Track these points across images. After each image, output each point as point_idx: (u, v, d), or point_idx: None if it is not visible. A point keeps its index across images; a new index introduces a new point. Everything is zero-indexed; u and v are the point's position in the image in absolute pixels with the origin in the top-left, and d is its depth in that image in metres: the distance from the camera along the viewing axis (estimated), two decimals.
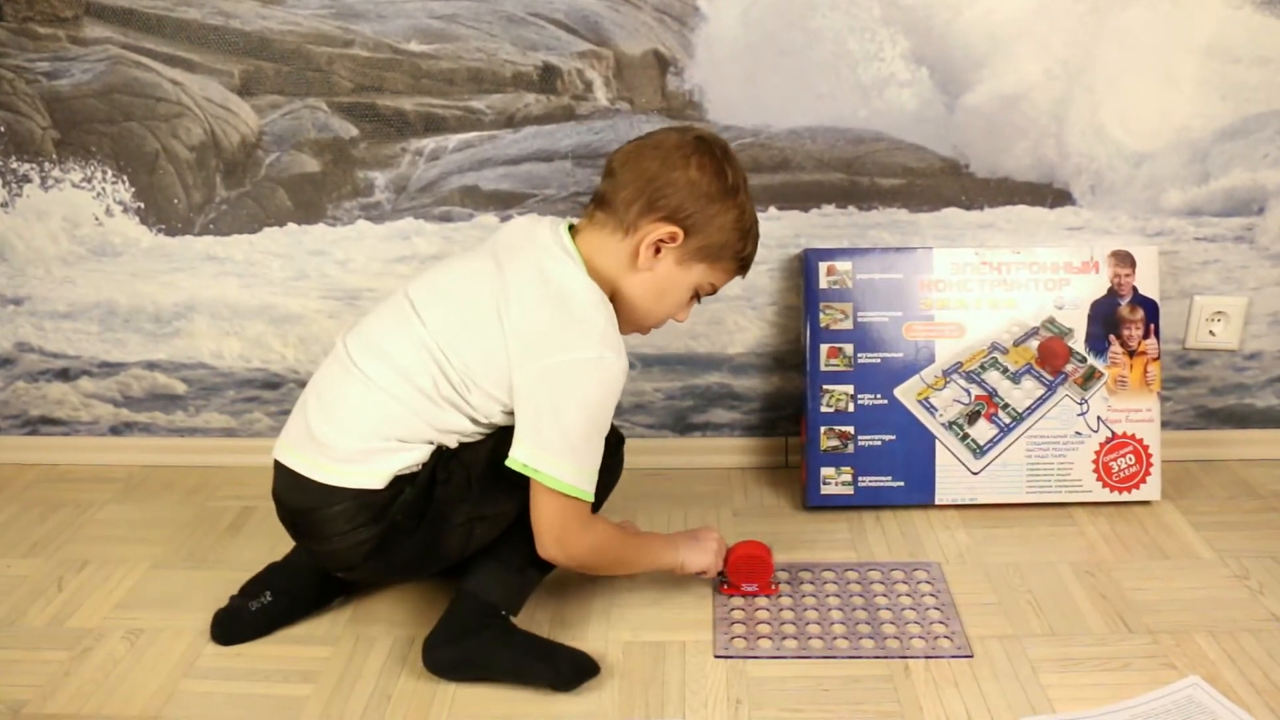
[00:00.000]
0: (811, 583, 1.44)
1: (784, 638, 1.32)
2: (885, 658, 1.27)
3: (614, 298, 1.25)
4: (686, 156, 1.22)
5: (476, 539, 1.28)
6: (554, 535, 1.23)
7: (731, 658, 1.29)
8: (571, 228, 1.28)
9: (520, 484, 1.23)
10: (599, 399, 1.21)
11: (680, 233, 1.22)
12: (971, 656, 1.25)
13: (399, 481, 1.23)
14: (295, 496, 1.26)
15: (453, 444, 1.26)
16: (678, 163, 1.22)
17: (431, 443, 1.25)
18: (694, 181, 1.21)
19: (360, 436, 1.22)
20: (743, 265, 1.30)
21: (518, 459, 1.20)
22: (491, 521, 1.28)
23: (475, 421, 1.25)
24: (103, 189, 1.66)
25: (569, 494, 1.20)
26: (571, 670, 1.24)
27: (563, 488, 1.20)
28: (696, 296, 1.31)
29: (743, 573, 1.40)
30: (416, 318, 1.24)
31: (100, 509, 1.68)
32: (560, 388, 1.19)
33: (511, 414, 1.24)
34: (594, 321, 1.20)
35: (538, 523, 1.23)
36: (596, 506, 1.31)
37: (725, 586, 1.42)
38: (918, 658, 1.26)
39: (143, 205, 1.67)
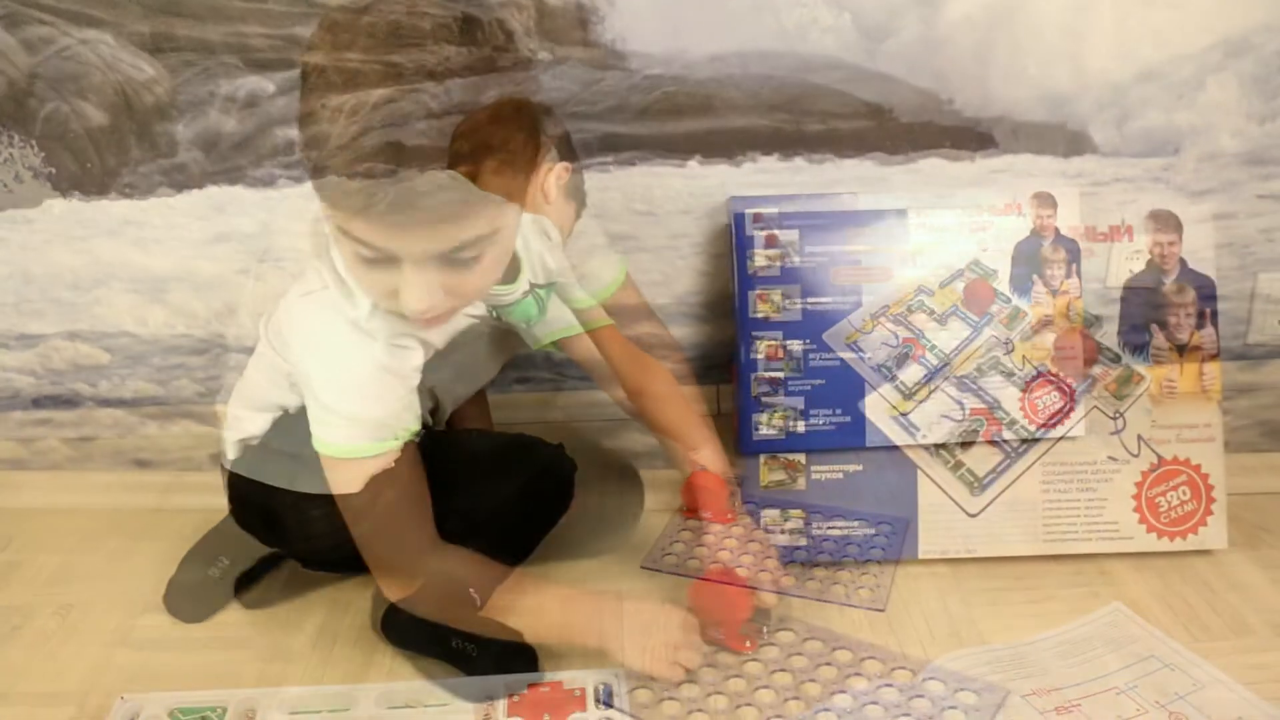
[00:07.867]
0: (775, 519, 1.46)
1: (713, 562, 1.35)
2: (802, 598, 1.29)
3: None
4: (539, 108, 1.31)
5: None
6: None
7: (656, 570, 1.35)
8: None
9: (495, 478, 1.30)
10: None
11: (569, 166, 1.32)
12: (883, 610, 1.27)
13: (375, 483, 1.17)
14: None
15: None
16: (533, 110, 1.27)
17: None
18: (554, 129, 1.33)
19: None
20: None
21: None
22: (460, 516, 1.24)
23: None
24: (10, 154, 1.60)
25: None
26: (494, 663, 1.16)
27: None
28: None
29: (695, 501, 1.43)
30: None
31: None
32: None
33: None
34: None
35: None
36: (543, 531, 1.35)
37: (684, 510, 1.46)
38: (831, 603, 1.28)
39: (54, 170, 1.62)
